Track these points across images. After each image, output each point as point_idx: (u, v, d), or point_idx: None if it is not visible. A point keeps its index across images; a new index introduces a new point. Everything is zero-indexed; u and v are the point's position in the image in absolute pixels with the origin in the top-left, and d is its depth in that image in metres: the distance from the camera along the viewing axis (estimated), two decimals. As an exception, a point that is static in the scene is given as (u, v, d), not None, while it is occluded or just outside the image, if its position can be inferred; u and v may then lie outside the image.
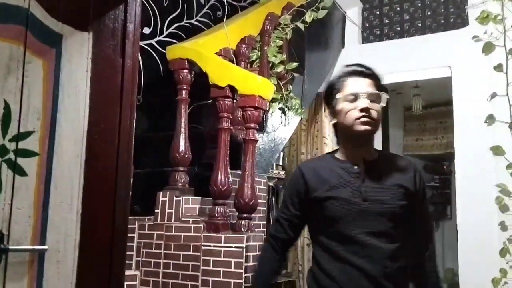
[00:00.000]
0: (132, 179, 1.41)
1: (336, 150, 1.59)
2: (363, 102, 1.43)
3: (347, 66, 1.57)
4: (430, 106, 6.38)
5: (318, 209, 1.47)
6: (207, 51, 2.41)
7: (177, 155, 2.41)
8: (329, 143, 4.24)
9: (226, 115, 2.31)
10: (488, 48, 3.24)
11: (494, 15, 3.23)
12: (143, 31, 3.21)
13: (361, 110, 1.42)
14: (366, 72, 1.52)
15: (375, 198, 1.43)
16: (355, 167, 1.47)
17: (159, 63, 3.34)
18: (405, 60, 3.69)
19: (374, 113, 1.44)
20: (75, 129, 1.33)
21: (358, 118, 1.43)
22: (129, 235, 2.40)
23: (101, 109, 1.39)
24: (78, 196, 1.31)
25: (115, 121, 1.42)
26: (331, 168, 1.51)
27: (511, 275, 3.02)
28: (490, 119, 3.21)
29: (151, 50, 3.34)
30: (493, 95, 3.22)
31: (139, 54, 1.60)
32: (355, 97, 1.45)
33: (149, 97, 3.21)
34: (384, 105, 1.51)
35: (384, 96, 1.49)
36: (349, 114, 1.45)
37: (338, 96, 1.48)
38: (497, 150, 3.15)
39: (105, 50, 1.42)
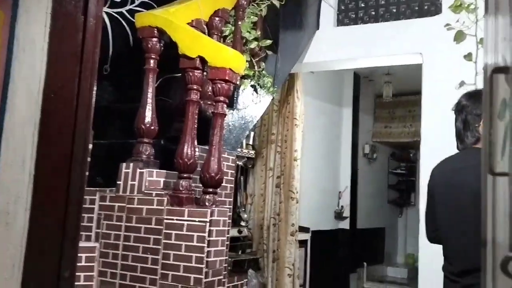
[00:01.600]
0: (91, 144, 1.34)
1: None
2: None
3: None
4: (400, 95, 6.48)
5: None
6: (178, 20, 2.33)
7: (143, 126, 2.35)
8: (300, 124, 4.24)
9: (195, 87, 2.25)
10: (459, 36, 3.27)
11: (467, 4, 3.26)
12: (113, -1, 3.10)
13: None
14: None
15: None
16: None
17: (129, 33, 3.24)
18: (378, 45, 3.69)
19: None
20: (30, 86, 1.26)
21: None
22: (89, 206, 2.35)
23: (59, 67, 1.31)
24: (32, 156, 1.25)
25: (74, 81, 1.34)
26: None
27: (468, 260, 3.10)
28: (458, 107, 3.25)
29: (121, 19, 3.23)
30: (461, 84, 3.26)
31: (103, 15, 1.52)
32: None
33: (118, 67, 3.12)
34: None
35: None
36: None
37: None
38: (462, 138, 3.20)
39: (66, 5, 1.34)
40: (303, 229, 4.51)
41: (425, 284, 3.34)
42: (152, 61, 2.39)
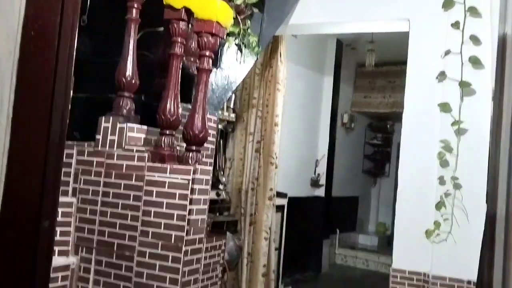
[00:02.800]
0: (72, 85, 1.26)
1: None
2: None
3: None
4: (381, 65, 6.47)
5: None
6: (163, -31, 2.21)
7: (123, 79, 2.25)
8: (282, 89, 4.18)
9: (179, 40, 2.16)
10: (448, 3, 3.23)
11: (457, -30, 3.21)
12: None
13: None
14: None
15: None
16: None
17: (108, -17, 3.08)
18: (366, 9, 3.62)
19: None
20: (9, 22, 1.16)
21: None
22: (66, 160, 2.26)
23: (40, 3, 1.21)
24: (9, 98, 1.16)
25: (56, 20, 1.24)
26: None
27: (444, 228, 3.16)
28: (442, 76, 3.25)
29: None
30: (447, 52, 3.25)
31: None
32: None
33: (96, 18, 2.97)
34: None
35: None
36: None
37: None
38: (445, 107, 3.21)
39: None
40: (280, 195, 4.52)
41: (399, 249, 3.40)
42: (134, 11, 2.27)
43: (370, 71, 6.43)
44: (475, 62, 3.11)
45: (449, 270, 3.12)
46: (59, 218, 2.09)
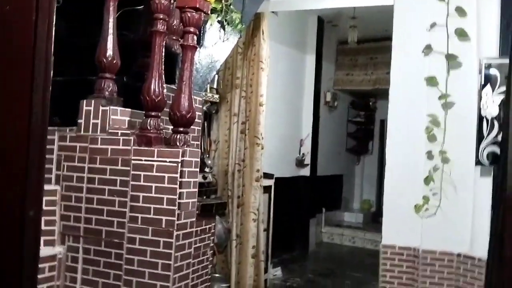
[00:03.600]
0: (53, 57, 1.17)
1: None
2: None
3: None
4: (363, 41, 6.41)
5: None
6: None
7: (104, 60, 2.14)
8: (266, 68, 4.10)
9: (161, 16, 2.06)
10: (433, -25, 3.18)
11: None
12: None
13: None
14: None
15: None
16: None
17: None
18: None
19: None
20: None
21: None
22: (48, 147, 2.16)
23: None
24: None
25: (32, -9, 1.15)
26: None
27: (433, 202, 3.16)
28: (428, 49, 3.21)
29: None
30: (433, 25, 3.20)
31: None
32: None
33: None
34: None
35: None
36: None
37: None
38: (431, 81, 3.19)
39: None
40: (267, 176, 4.48)
41: (389, 226, 3.40)
42: (113, -12, 2.16)
43: (352, 48, 6.39)
44: (461, 34, 3.08)
45: (439, 244, 3.13)
46: (43, 208, 2.00)
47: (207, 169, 4.00)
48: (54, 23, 1.20)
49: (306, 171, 6.14)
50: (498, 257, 1.54)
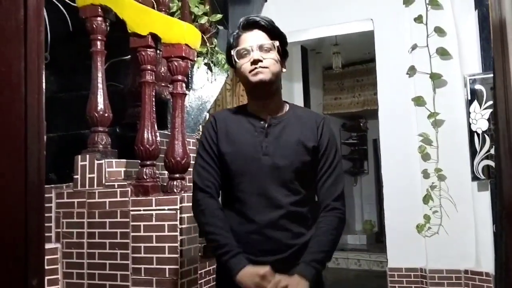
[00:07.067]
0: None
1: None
2: (255, 55, 1.45)
3: (243, 20, 1.53)
4: (347, 65, 6.51)
5: (222, 162, 1.48)
6: (123, -4, 2.15)
7: (96, 114, 2.16)
8: (255, 102, 4.14)
9: (149, 67, 2.09)
10: (408, -1, 3.27)
11: (414, -33, 3.26)
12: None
13: (252, 63, 1.45)
14: (257, 24, 1.51)
15: (274, 153, 1.45)
16: (261, 122, 1.50)
17: (67, 17, 2.98)
18: (328, 14, 3.63)
19: (267, 62, 1.46)
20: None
21: (251, 71, 1.45)
22: (46, 205, 2.16)
23: (1, 46, 1.13)
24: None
25: (20, 64, 1.17)
26: (240, 121, 1.52)
27: (434, 220, 3.16)
28: (412, 70, 3.28)
29: (57, 3, 2.96)
30: (414, 47, 3.28)
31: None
32: (248, 51, 1.47)
33: (59, 55, 2.87)
34: (278, 51, 1.49)
35: (276, 43, 1.50)
36: (244, 68, 1.47)
37: (233, 52, 1.49)
38: (419, 101, 3.24)
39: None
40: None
41: (393, 248, 3.38)
42: (99, 43, 2.19)
43: (337, 73, 6.48)
44: (443, 53, 3.15)
45: (445, 262, 3.12)
46: (45, 267, 1.98)
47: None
48: (44, 92, 1.22)
49: (305, 198, 6.12)
50: (505, 271, 1.54)
